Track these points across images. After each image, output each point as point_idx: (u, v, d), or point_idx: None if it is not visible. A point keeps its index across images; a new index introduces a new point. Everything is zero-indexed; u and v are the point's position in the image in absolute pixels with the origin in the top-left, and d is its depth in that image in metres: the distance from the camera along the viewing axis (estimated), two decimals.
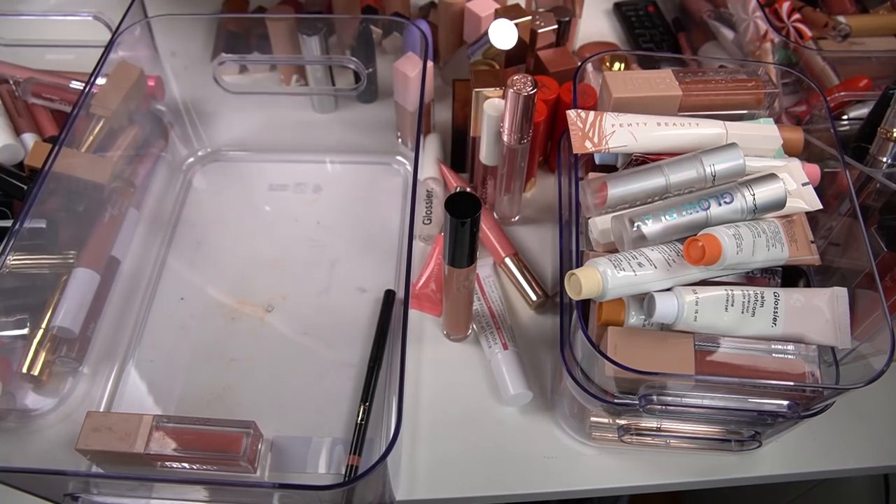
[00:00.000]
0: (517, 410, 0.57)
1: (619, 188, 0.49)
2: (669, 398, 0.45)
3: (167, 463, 0.49)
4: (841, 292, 0.46)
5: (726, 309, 0.45)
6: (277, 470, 0.53)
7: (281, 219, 0.69)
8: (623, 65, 0.74)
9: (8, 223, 0.51)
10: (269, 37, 0.72)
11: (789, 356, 0.46)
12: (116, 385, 0.57)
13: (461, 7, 0.73)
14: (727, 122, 0.53)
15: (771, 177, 0.46)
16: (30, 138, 0.66)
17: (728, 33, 0.76)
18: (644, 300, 0.46)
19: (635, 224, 0.45)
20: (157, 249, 0.66)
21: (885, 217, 0.55)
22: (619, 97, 0.55)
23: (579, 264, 0.48)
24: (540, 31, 0.70)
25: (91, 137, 0.60)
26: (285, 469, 0.53)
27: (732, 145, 0.49)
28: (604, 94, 0.57)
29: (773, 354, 0.46)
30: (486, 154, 0.63)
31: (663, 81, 0.56)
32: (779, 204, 0.46)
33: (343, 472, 0.52)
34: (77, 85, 0.68)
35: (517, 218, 0.69)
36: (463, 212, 0.45)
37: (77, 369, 0.57)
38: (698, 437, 0.52)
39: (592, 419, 0.52)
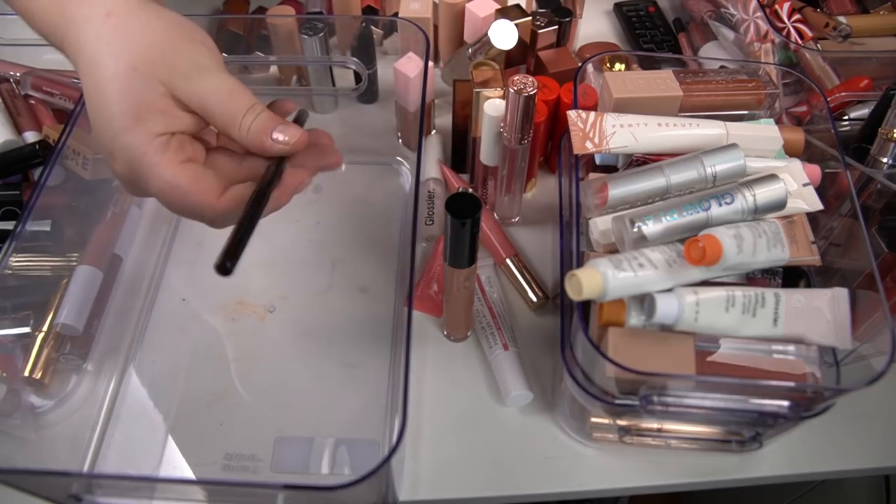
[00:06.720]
0: (518, 411, 0.57)
1: (619, 189, 0.49)
2: (670, 399, 0.45)
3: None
4: (842, 293, 0.46)
5: (727, 310, 0.45)
6: (279, 470, 0.53)
7: (281, 219, 0.69)
8: (624, 65, 0.74)
9: (11, 225, 0.51)
10: (270, 37, 0.72)
11: (790, 357, 0.46)
12: (120, 382, 0.57)
13: (461, 7, 0.73)
14: (728, 123, 0.53)
15: (771, 177, 0.46)
16: (31, 136, 0.66)
17: (728, 34, 0.76)
18: (645, 301, 0.46)
19: (636, 225, 0.45)
20: (159, 248, 0.66)
21: (886, 218, 0.55)
22: (620, 98, 0.55)
23: (580, 265, 0.48)
24: (540, 31, 0.70)
25: None
26: (288, 469, 0.53)
27: (733, 146, 0.49)
28: (604, 95, 0.57)
29: (774, 355, 0.46)
30: (486, 154, 0.63)
31: (664, 82, 0.56)
32: (779, 204, 0.46)
33: (346, 472, 0.52)
34: (78, 83, 0.68)
35: (517, 218, 0.69)
36: (463, 212, 0.45)
37: (81, 366, 0.57)
38: (699, 438, 0.53)
39: (593, 420, 0.52)
